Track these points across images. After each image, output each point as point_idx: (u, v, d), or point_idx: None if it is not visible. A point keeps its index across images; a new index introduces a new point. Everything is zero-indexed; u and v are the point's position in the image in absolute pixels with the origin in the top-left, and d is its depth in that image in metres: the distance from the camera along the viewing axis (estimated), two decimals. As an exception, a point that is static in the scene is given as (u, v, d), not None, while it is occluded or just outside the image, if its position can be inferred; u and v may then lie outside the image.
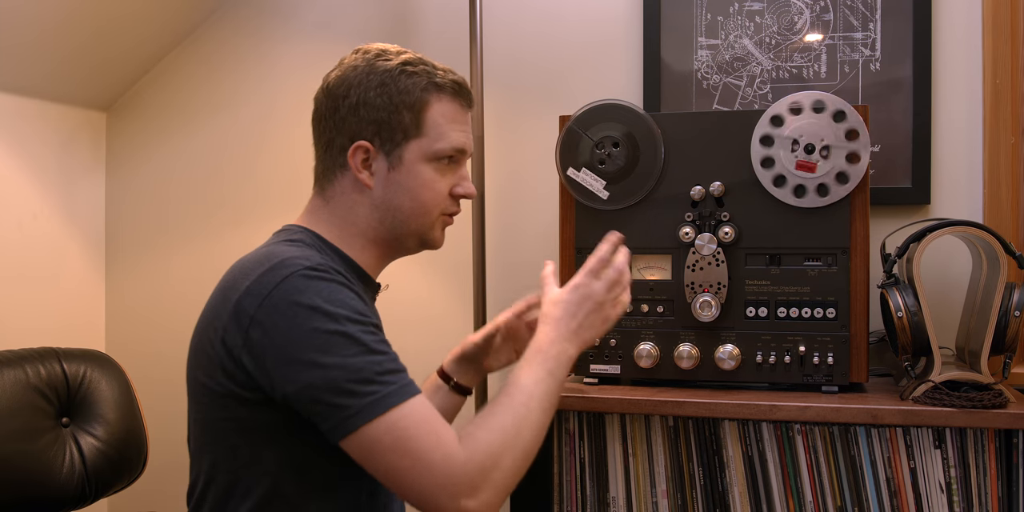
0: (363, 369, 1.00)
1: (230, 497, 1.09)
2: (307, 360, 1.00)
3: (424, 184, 1.17)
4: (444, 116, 1.17)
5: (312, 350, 1.00)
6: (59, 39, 1.84)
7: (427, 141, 1.16)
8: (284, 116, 2.02)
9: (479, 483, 1.00)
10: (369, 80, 1.16)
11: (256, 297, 1.03)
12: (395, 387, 1.01)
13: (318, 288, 1.03)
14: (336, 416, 0.99)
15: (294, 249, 1.10)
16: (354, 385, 0.99)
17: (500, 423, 1.04)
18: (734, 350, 1.43)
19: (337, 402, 0.99)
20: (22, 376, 1.48)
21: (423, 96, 1.16)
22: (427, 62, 1.19)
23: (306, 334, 1.01)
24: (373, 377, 1.00)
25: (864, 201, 1.41)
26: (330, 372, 0.99)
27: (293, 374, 1.01)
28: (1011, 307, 1.33)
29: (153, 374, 2.04)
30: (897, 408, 1.29)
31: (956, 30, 1.67)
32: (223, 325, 1.06)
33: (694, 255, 1.45)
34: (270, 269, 1.05)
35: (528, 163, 1.88)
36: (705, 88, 1.78)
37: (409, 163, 1.16)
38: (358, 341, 1.01)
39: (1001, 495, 1.28)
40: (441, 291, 1.94)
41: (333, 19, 1.99)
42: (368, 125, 1.16)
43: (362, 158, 1.16)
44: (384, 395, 0.99)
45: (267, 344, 1.02)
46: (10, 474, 1.40)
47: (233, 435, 1.08)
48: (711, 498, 1.38)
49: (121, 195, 2.14)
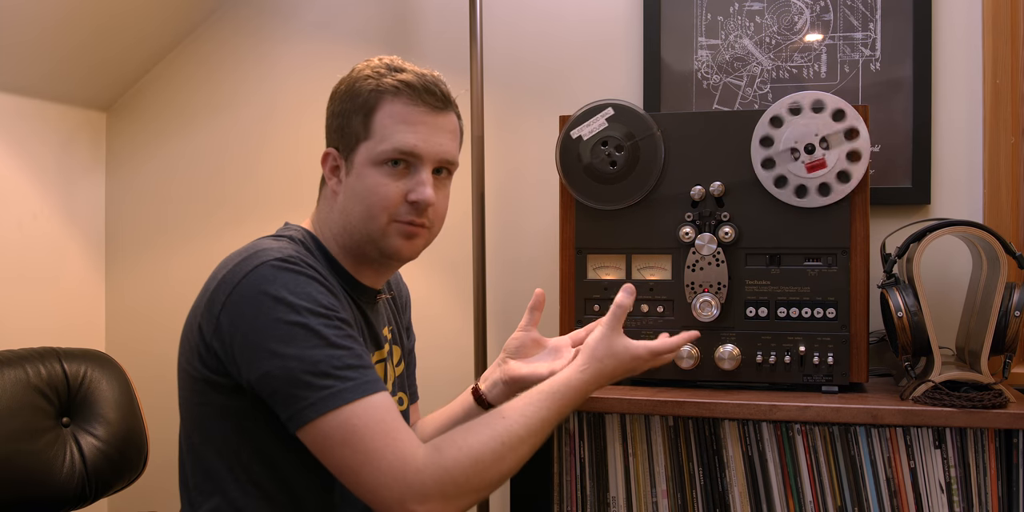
0: (320, 362, 1.01)
1: (206, 479, 1.12)
2: (268, 349, 1.01)
3: (369, 188, 1.14)
4: (392, 117, 1.14)
5: (273, 340, 1.01)
6: (59, 38, 1.84)
7: (372, 143, 1.14)
8: (284, 116, 2.02)
9: (430, 492, 0.99)
10: (343, 90, 1.18)
11: (228, 285, 1.06)
12: (352, 383, 1.01)
13: (284, 279, 1.04)
14: (292, 407, 1.01)
15: (272, 242, 1.13)
16: (311, 377, 1.00)
17: (480, 448, 1.02)
18: (734, 350, 1.43)
19: (293, 393, 1.00)
20: (22, 376, 1.48)
21: (371, 97, 1.15)
22: (404, 68, 1.17)
23: (269, 323, 1.02)
24: (330, 371, 1.01)
25: (864, 201, 1.41)
26: (288, 362, 1.01)
27: (255, 362, 1.02)
28: (1011, 307, 1.33)
29: (153, 374, 2.03)
30: (897, 408, 1.29)
31: (956, 30, 1.67)
32: (200, 312, 1.09)
33: (694, 255, 1.45)
34: (244, 259, 1.08)
35: (528, 163, 1.88)
36: (705, 88, 1.78)
37: (359, 167, 1.15)
38: (318, 334, 1.02)
39: (1001, 495, 1.28)
40: (441, 291, 1.94)
41: (333, 19, 1.99)
42: (333, 132, 1.19)
43: (332, 166, 1.18)
44: (340, 390, 1.00)
45: (233, 331, 1.04)
46: (10, 474, 1.41)
47: (207, 419, 1.11)
48: (711, 498, 1.38)
49: (121, 195, 2.14)
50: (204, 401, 1.11)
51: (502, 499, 1.88)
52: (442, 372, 1.89)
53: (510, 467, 1.05)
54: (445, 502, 1.00)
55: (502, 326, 1.89)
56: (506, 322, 1.89)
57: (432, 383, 1.73)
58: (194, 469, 1.14)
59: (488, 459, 1.02)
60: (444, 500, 1.00)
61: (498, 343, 1.90)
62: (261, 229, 2.02)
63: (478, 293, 1.81)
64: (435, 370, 1.89)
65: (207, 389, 1.10)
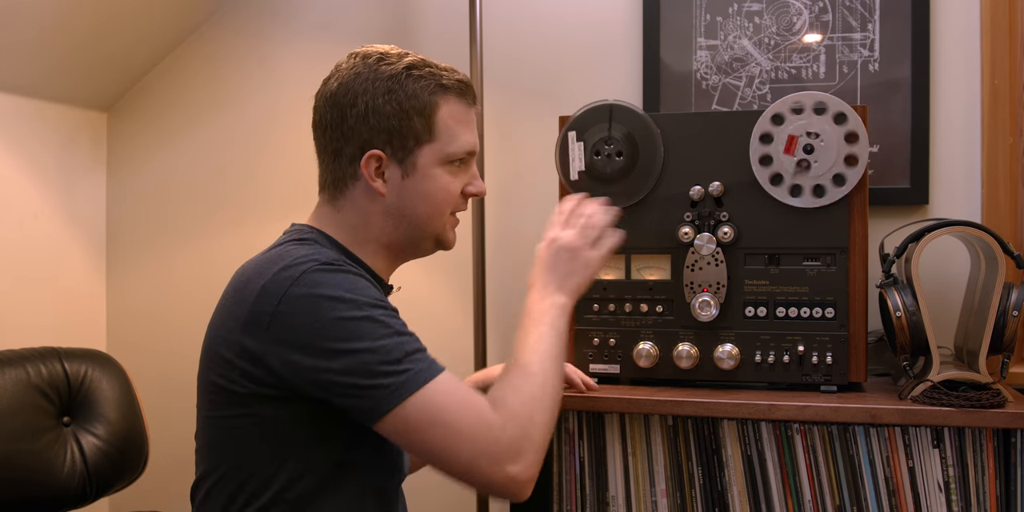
0: (393, 350, 1.02)
1: (239, 493, 1.09)
2: (337, 349, 1.02)
3: (439, 188, 1.17)
4: (454, 118, 1.17)
5: (340, 338, 1.02)
6: (59, 38, 1.85)
7: (439, 145, 1.16)
8: (285, 117, 2.03)
9: (520, 446, 1.03)
10: (376, 87, 1.14)
11: (274, 295, 1.04)
12: (424, 365, 1.03)
13: (336, 280, 1.05)
14: (371, 398, 1.01)
15: (305, 248, 1.11)
16: (387, 366, 1.01)
17: (522, 384, 1.07)
18: (733, 350, 1.43)
19: (372, 383, 1.01)
20: (23, 376, 1.49)
21: (432, 99, 1.15)
22: (430, 63, 1.18)
23: (331, 323, 1.02)
24: (403, 357, 1.02)
25: (863, 201, 1.42)
26: (361, 356, 1.01)
27: (324, 364, 1.02)
28: (1009, 307, 1.33)
29: (154, 373, 2.04)
30: (895, 408, 1.29)
31: (955, 31, 1.67)
32: (239, 326, 1.06)
33: (693, 255, 1.46)
34: (284, 267, 1.06)
35: (528, 163, 1.88)
36: (704, 88, 1.79)
37: (423, 168, 1.16)
38: (384, 324, 1.04)
39: (999, 494, 1.28)
40: (441, 291, 1.95)
41: (334, 20, 1.99)
42: (379, 133, 1.14)
43: (375, 167, 1.15)
44: (416, 372, 1.02)
45: (293, 339, 1.03)
46: (11, 473, 1.41)
47: (249, 432, 1.09)
48: (710, 497, 1.38)
49: (122, 195, 2.14)
50: (247, 413, 1.08)
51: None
52: (442, 372, 1.89)
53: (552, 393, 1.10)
54: (535, 450, 1.04)
55: (502, 326, 1.90)
56: (506, 322, 1.90)
57: (432, 383, 1.74)
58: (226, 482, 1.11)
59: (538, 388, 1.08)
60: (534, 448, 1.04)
61: (498, 343, 1.90)
62: (262, 229, 2.04)
63: (478, 293, 1.81)
64: (435, 370, 1.90)
65: (254, 402, 1.07)
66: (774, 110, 1.42)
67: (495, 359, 1.88)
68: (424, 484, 1.59)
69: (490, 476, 1.01)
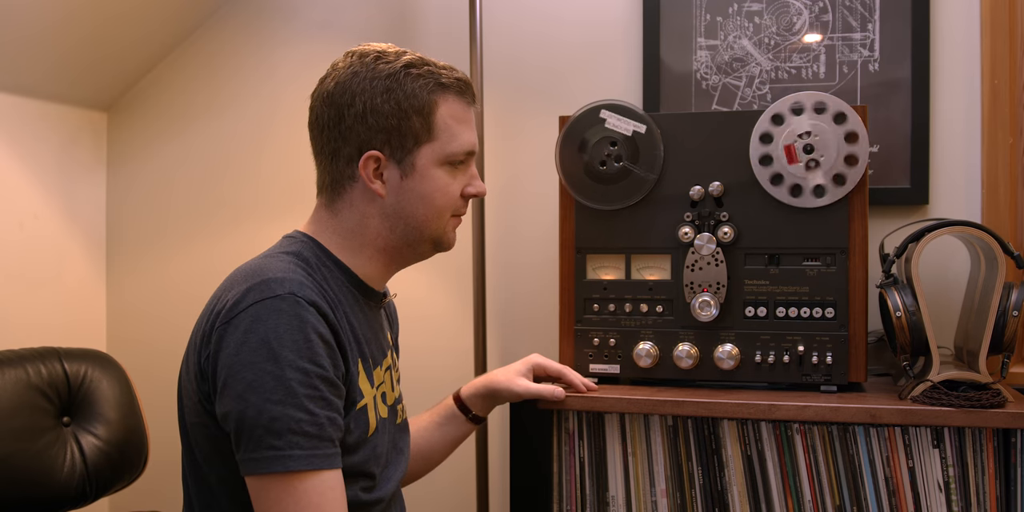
0: (278, 419, 0.98)
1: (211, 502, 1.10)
2: (236, 390, 0.99)
3: (437, 188, 1.15)
4: (453, 117, 1.16)
5: (243, 382, 0.99)
6: (60, 38, 1.85)
7: (439, 144, 1.15)
8: (285, 116, 2.03)
9: None
10: (374, 86, 1.12)
11: (227, 314, 1.03)
12: (302, 453, 0.98)
13: (276, 324, 1.01)
14: (240, 453, 1.00)
15: (284, 266, 1.08)
16: (262, 432, 0.98)
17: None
18: (733, 350, 1.43)
19: (245, 439, 0.99)
20: (23, 376, 1.49)
21: (430, 98, 1.13)
22: (428, 61, 1.16)
23: (245, 365, 1.00)
24: (284, 432, 0.98)
25: (863, 201, 1.42)
26: (248, 410, 0.98)
27: (224, 397, 1.01)
28: (1009, 307, 1.33)
29: (154, 373, 2.04)
30: (896, 408, 1.29)
31: (955, 31, 1.67)
32: (203, 332, 1.07)
33: (693, 255, 1.46)
34: (249, 289, 1.04)
35: (528, 164, 1.89)
36: (704, 89, 1.79)
37: (422, 169, 1.14)
38: (288, 390, 0.99)
39: (999, 494, 1.28)
40: (441, 291, 1.95)
41: (334, 19, 1.99)
42: (377, 133, 1.12)
43: (373, 167, 1.14)
44: (285, 456, 0.98)
45: (217, 361, 1.03)
46: (11, 473, 1.41)
47: (201, 439, 1.09)
48: (710, 497, 1.38)
49: (122, 195, 2.14)
50: (199, 421, 1.09)
51: (502, 499, 1.88)
52: (442, 373, 1.89)
53: None
54: None
55: (502, 327, 1.90)
56: (506, 322, 1.90)
57: (432, 384, 1.74)
58: (197, 491, 1.12)
59: None
60: None
61: (498, 343, 1.90)
62: (261, 229, 2.04)
63: (478, 293, 1.81)
64: (435, 371, 1.90)
65: (202, 410, 1.08)
66: (774, 110, 1.42)
67: (495, 359, 1.88)
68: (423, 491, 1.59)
69: None
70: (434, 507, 1.91)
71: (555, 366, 1.42)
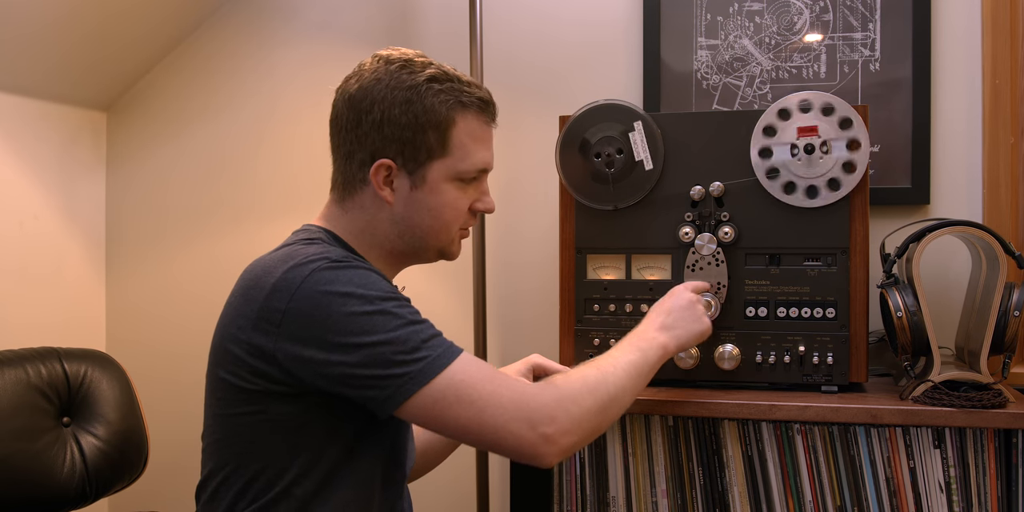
0: (408, 339, 1.03)
1: (247, 490, 1.09)
2: (353, 343, 1.02)
3: (446, 203, 1.17)
4: (469, 135, 1.16)
5: (354, 333, 1.02)
6: (59, 38, 1.84)
7: (452, 161, 1.16)
8: (285, 116, 2.03)
9: (554, 412, 1.04)
10: (394, 96, 1.13)
11: (285, 292, 1.05)
12: (442, 349, 1.05)
13: (347, 276, 1.05)
14: (391, 387, 1.02)
15: (314, 247, 1.11)
16: (403, 355, 1.02)
17: (581, 373, 1.11)
18: (734, 350, 1.43)
19: (390, 373, 1.02)
20: (23, 376, 1.49)
21: (449, 115, 1.14)
22: (453, 77, 1.16)
23: (344, 319, 1.03)
24: (419, 345, 1.04)
25: (864, 201, 1.42)
26: (376, 349, 1.02)
27: (339, 358, 1.03)
28: (1010, 307, 1.33)
29: (154, 373, 2.04)
30: (897, 408, 1.29)
31: (955, 30, 1.67)
32: (250, 324, 1.06)
33: (694, 255, 1.45)
34: (294, 266, 1.06)
35: (528, 164, 1.88)
36: (705, 88, 1.79)
37: (433, 182, 1.16)
38: (397, 315, 1.04)
39: (1000, 495, 1.28)
40: (441, 291, 1.94)
41: (334, 19, 1.99)
42: (391, 143, 1.14)
43: (384, 175, 1.15)
44: (434, 358, 1.03)
45: (305, 335, 1.03)
46: (11, 473, 1.41)
47: (260, 429, 1.09)
48: (711, 498, 1.38)
49: (122, 195, 2.14)
50: (255, 410, 1.09)
51: (502, 498, 1.88)
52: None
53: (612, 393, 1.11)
54: (572, 421, 1.05)
55: (502, 326, 1.90)
56: (506, 322, 1.90)
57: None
58: (235, 479, 1.11)
59: (593, 380, 1.10)
60: (570, 419, 1.05)
61: (498, 343, 1.90)
62: (261, 228, 2.04)
63: (478, 293, 1.81)
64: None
65: (263, 399, 1.08)
66: (782, 104, 1.42)
67: (495, 359, 1.88)
68: (424, 491, 1.59)
69: (519, 436, 1.03)
70: (434, 507, 1.90)
71: (555, 366, 1.42)
